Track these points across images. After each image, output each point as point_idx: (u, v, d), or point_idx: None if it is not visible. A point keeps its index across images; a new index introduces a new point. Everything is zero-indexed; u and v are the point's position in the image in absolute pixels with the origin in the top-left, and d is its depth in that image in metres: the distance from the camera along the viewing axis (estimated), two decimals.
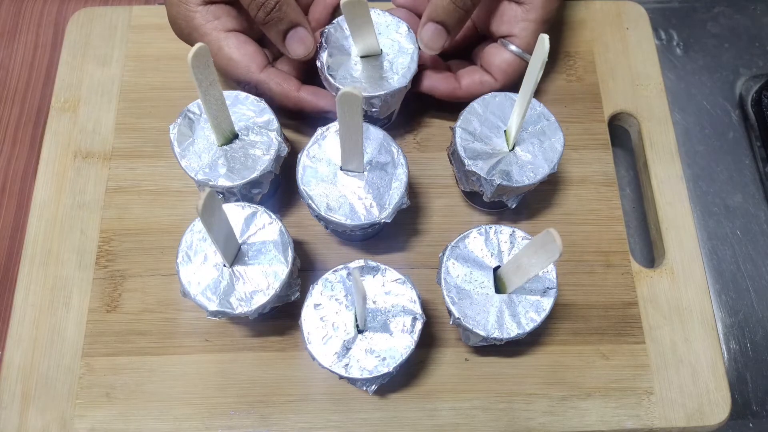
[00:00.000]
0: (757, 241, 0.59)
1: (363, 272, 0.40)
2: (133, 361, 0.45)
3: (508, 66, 0.46)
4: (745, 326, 0.56)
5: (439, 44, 0.45)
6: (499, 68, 0.46)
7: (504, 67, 0.46)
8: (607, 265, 0.48)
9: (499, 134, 0.44)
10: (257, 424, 0.43)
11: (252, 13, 0.43)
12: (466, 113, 0.44)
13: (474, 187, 0.44)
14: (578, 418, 0.44)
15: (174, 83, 0.53)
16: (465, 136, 0.43)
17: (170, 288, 0.47)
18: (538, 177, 0.42)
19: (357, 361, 0.38)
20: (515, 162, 0.43)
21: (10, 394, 0.44)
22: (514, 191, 0.44)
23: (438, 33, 0.44)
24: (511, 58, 0.46)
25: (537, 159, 0.43)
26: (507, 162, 0.43)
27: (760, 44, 0.65)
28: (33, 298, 0.46)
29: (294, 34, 0.44)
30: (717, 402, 0.45)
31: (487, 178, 0.42)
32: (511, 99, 0.45)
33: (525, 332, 0.39)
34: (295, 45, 0.44)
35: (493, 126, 0.44)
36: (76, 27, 0.55)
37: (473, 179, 0.43)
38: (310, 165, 0.42)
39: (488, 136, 0.44)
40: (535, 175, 0.42)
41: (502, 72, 0.47)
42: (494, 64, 0.47)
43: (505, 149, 0.43)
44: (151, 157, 0.51)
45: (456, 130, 0.44)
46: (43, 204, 0.49)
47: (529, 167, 0.43)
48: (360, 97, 0.34)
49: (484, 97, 0.45)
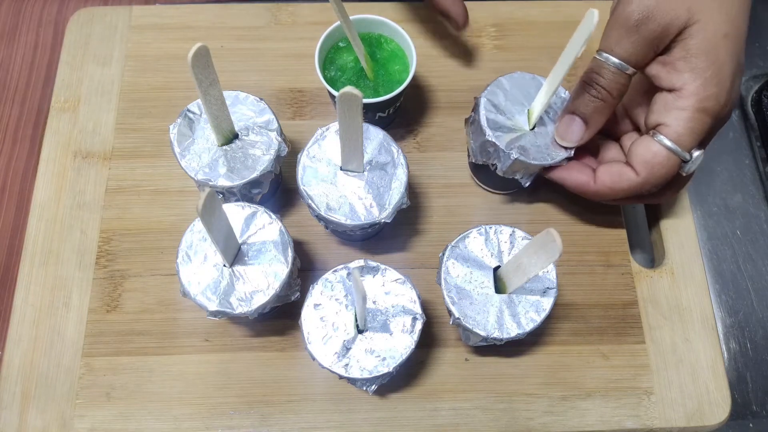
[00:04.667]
0: (757, 241, 0.59)
1: (363, 272, 0.40)
2: (133, 361, 0.45)
3: (654, 157, 0.40)
4: (745, 326, 0.56)
5: (573, 137, 0.42)
6: (642, 160, 0.40)
7: (648, 158, 0.40)
8: (607, 265, 0.48)
9: (521, 112, 0.44)
10: (257, 424, 0.43)
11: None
12: (493, 86, 0.44)
13: (488, 159, 0.44)
14: (578, 418, 0.44)
15: (174, 83, 0.53)
16: (489, 107, 0.44)
17: (170, 288, 0.47)
18: (555, 159, 0.43)
19: (357, 361, 0.38)
20: (534, 141, 0.43)
21: (10, 394, 0.44)
22: (529, 169, 0.44)
23: (573, 124, 0.41)
24: (658, 150, 0.40)
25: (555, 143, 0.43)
26: (526, 140, 0.43)
27: (760, 44, 0.65)
28: (33, 298, 0.46)
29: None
30: (717, 402, 0.45)
31: (506, 151, 0.42)
32: (539, 81, 0.45)
33: (525, 332, 0.39)
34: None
35: (517, 102, 0.44)
36: (76, 27, 0.55)
37: (490, 150, 0.43)
38: (310, 165, 0.42)
39: (511, 111, 0.44)
40: (552, 157, 0.43)
41: (645, 164, 0.40)
42: (638, 156, 0.41)
43: (525, 127, 0.44)
44: (151, 157, 0.51)
45: (480, 100, 0.44)
46: (43, 204, 0.49)
47: (546, 149, 0.43)
48: (360, 97, 0.34)
49: (513, 74, 0.45)
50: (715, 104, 0.38)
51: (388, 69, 0.48)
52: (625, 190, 0.41)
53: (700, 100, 0.38)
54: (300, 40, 0.55)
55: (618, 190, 0.42)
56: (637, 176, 0.41)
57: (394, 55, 0.48)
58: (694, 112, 0.38)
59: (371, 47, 0.48)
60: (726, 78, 0.38)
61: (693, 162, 0.40)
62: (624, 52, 0.38)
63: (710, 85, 0.38)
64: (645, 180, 0.41)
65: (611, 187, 0.42)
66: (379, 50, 0.48)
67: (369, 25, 0.48)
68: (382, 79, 0.47)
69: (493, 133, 0.43)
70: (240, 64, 0.54)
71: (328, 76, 0.47)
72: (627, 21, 0.38)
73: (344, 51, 0.48)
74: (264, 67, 0.54)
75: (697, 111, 0.38)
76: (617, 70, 0.39)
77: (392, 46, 0.48)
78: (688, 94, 0.38)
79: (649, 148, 0.40)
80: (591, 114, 0.41)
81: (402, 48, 0.48)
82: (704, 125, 0.39)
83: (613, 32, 0.39)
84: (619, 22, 0.38)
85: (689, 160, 0.40)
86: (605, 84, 0.39)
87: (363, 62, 0.46)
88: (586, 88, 0.40)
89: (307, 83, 0.53)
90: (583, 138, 0.42)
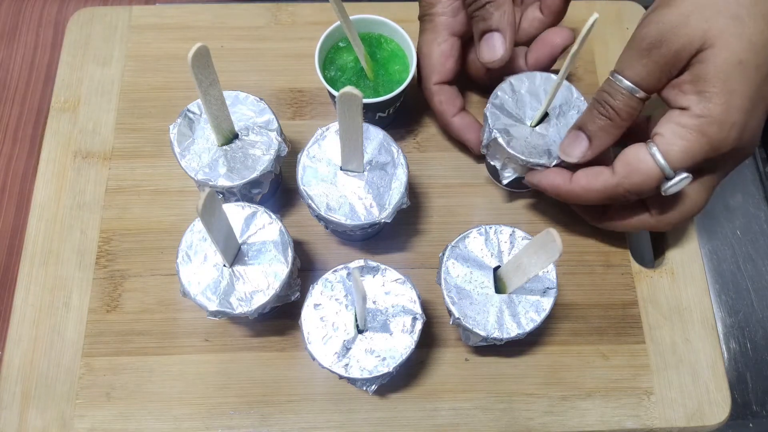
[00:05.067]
0: (757, 241, 0.59)
1: (363, 272, 0.40)
2: (133, 361, 0.45)
3: (636, 161, 0.38)
4: (745, 326, 0.56)
5: (577, 152, 0.41)
6: (625, 161, 0.39)
7: (631, 160, 0.39)
8: (607, 265, 0.48)
9: (534, 109, 0.44)
10: (257, 424, 0.43)
11: (465, 5, 0.43)
12: (524, 75, 0.45)
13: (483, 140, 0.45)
14: (578, 418, 0.44)
15: (174, 83, 0.53)
16: (508, 90, 0.45)
17: (170, 288, 0.47)
18: (531, 159, 0.43)
19: (357, 361, 0.38)
20: (525, 136, 0.44)
21: (10, 394, 0.44)
22: (505, 156, 0.44)
23: (577, 140, 0.41)
24: (644, 156, 0.38)
25: (547, 144, 0.43)
26: (519, 131, 0.44)
27: None
28: (33, 298, 0.46)
29: (489, 38, 0.43)
30: (717, 402, 0.45)
31: (491, 128, 0.43)
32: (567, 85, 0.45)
33: (525, 332, 0.39)
34: (485, 48, 0.43)
35: (537, 99, 0.45)
36: (76, 27, 0.55)
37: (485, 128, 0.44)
38: (310, 165, 0.42)
39: (525, 103, 0.44)
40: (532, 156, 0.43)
41: (625, 165, 0.39)
42: (622, 157, 0.40)
43: (527, 122, 0.44)
44: (151, 157, 0.51)
45: (505, 81, 0.45)
46: (43, 204, 0.49)
47: (532, 149, 0.43)
48: (360, 97, 0.34)
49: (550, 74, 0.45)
50: (717, 131, 0.36)
51: (388, 69, 0.48)
52: (598, 191, 0.40)
53: (703, 123, 0.36)
54: (300, 40, 0.55)
55: (591, 190, 0.41)
56: (612, 176, 0.40)
57: (394, 55, 0.48)
58: (693, 132, 0.37)
59: (371, 47, 0.48)
60: (737, 107, 0.36)
61: (676, 183, 0.38)
62: (635, 75, 0.38)
63: (716, 111, 0.36)
64: (619, 182, 0.39)
65: (585, 187, 0.41)
66: (379, 50, 0.48)
67: (369, 25, 0.48)
68: (382, 79, 0.47)
69: (491, 108, 0.44)
70: (240, 64, 0.54)
71: (328, 76, 0.47)
72: (640, 44, 0.37)
73: (344, 51, 0.48)
74: (264, 67, 0.54)
75: (697, 132, 0.37)
76: (628, 93, 0.38)
77: (392, 46, 0.48)
78: (692, 114, 0.37)
79: (635, 153, 0.39)
80: (596, 132, 0.40)
81: (402, 48, 0.48)
82: (701, 149, 0.37)
83: (627, 54, 0.38)
84: (633, 44, 0.38)
85: (672, 178, 0.38)
86: (614, 105, 0.39)
87: (363, 62, 0.46)
88: (595, 106, 0.40)
89: (307, 83, 0.53)
90: (585, 155, 0.41)
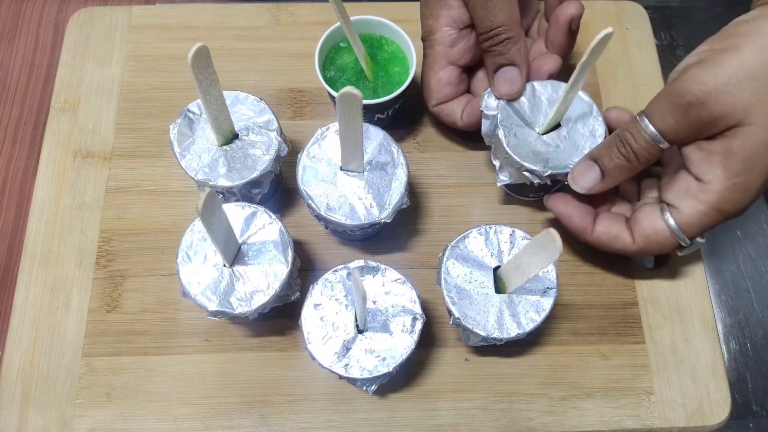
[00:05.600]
0: (757, 241, 0.59)
1: (363, 272, 0.40)
2: (133, 361, 0.45)
3: (654, 234, 0.41)
4: (745, 326, 0.56)
5: (586, 183, 0.41)
6: (643, 233, 0.41)
7: (649, 233, 0.41)
8: (607, 265, 0.48)
9: (548, 117, 0.43)
10: (257, 424, 0.43)
11: (480, 39, 0.43)
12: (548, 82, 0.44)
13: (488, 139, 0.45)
14: (578, 418, 0.44)
15: (174, 83, 0.53)
16: (529, 94, 0.44)
17: (170, 288, 0.47)
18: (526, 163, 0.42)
19: (357, 361, 0.38)
20: (528, 140, 0.43)
21: (10, 394, 0.44)
22: (502, 155, 0.44)
23: (590, 171, 0.41)
24: (662, 228, 0.40)
25: (548, 154, 0.42)
26: (523, 133, 0.43)
27: None
28: (33, 298, 0.46)
29: (506, 71, 0.43)
30: (717, 402, 0.45)
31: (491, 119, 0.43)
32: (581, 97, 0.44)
33: (525, 332, 0.39)
34: (502, 82, 0.43)
35: (552, 105, 0.44)
36: (76, 27, 0.55)
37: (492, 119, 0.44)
38: (310, 165, 0.42)
39: (539, 111, 0.44)
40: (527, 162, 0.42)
41: (644, 237, 0.41)
42: (640, 226, 0.41)
43: (536, 129, 0.43)
44: (151, 157, 0.51)
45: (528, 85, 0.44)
46: (43, 204, 0.49)
47: (532, 154, 0.42)
48: (360, 97, 0.34)
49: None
50: (733, 207, 0.38)
51: (388, 70, 0.48)
52: (618, 251, 0.43)
53: (721, 200, 0.38)
54: (300, 40, 0.55)
55: (611, 249, 0.43)
56: (632, 243, 0.42)
57: (394, 57, 0.48)
58: (711, 209, 0.38)
59: (371, 48, 0.48)
60: (754, 187, 0.37)
61: (691, 247, 0.41)
62: (665, 126, 0.37)
63: (737, 191, 0.37)
64: (638, 249, 0.42)
65: (605, 244, 0.43)
66: (379, 51, 0.48)
67: (369, 26, 0.48)
68: (381, 80, 0.47)
69: (505, 104, 0.43)
70: (240, 64, 0.54)
71: (328, 77, 0.47)
72: (680, 98, 0.36)
73: (344, 51, 0.48)
74: (264, 67, 0.54)
75: (714, 209, 0.38)
76: (651, 140, 0.38)
77: (393, 47, 0.48)
78: (713, 191, 0.38)
79: (653, 224, 0.41)
80: (611, 170, 0.40)
81: (402, 50, 0.48)
82: (715, 222, 0.39)
83: (662, 103, 0.38)
84: (672, 95, 0.37)
85: (688, 246, 0.41)
86: (636, 148, 0.39)
87: (363, 63, 0.46)
88: (615, 143, 0.40)
89: (307, 83, 0.53)
90: (594, 188, 0.41)
